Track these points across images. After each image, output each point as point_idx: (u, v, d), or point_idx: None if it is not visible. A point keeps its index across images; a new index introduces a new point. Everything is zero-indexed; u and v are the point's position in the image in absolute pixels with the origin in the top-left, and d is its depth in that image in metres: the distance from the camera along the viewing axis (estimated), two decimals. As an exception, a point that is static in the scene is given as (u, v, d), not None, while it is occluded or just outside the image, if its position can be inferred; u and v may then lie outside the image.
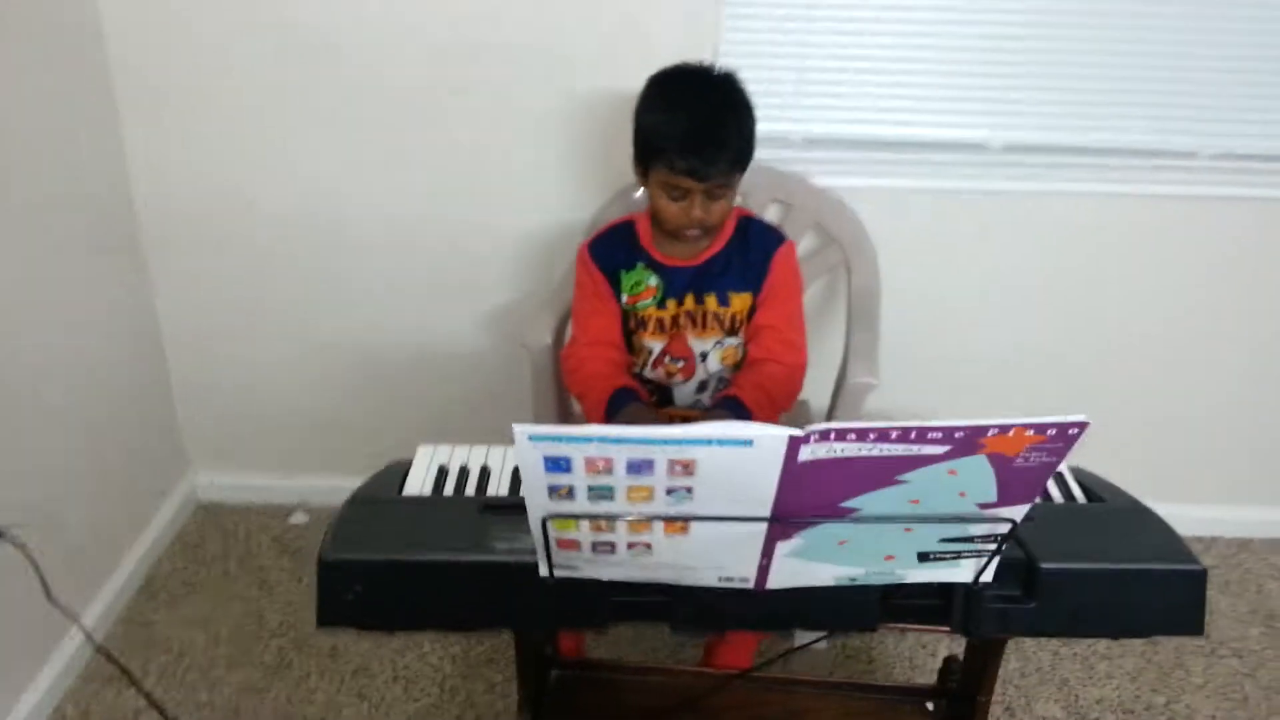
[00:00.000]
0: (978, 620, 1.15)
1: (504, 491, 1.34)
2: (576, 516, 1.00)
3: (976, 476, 0.96)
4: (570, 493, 0.97)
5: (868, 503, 1.00)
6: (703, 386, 1.68)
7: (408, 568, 1.14)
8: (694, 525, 1.01)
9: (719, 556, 1.07)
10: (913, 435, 0.90)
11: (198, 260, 2.20)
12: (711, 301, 1.62)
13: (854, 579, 1.12)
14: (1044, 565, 1.12)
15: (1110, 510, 1.26)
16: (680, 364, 1.65)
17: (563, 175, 2.09)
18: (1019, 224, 2.08)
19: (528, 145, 2.07)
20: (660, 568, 1.10)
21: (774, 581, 1.11)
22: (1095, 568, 1.13)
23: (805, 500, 0.98)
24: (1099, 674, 1.94)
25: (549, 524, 1.02)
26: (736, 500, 0.98)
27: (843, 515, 1.01)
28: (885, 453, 0.92)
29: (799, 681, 1.70)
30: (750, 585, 1.11)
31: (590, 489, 0.96)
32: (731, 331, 1.63)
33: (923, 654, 1.99)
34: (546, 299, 1.92)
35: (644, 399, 1.60)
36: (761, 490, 0.96)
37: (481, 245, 2.17)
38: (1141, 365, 2.23)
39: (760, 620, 1.16)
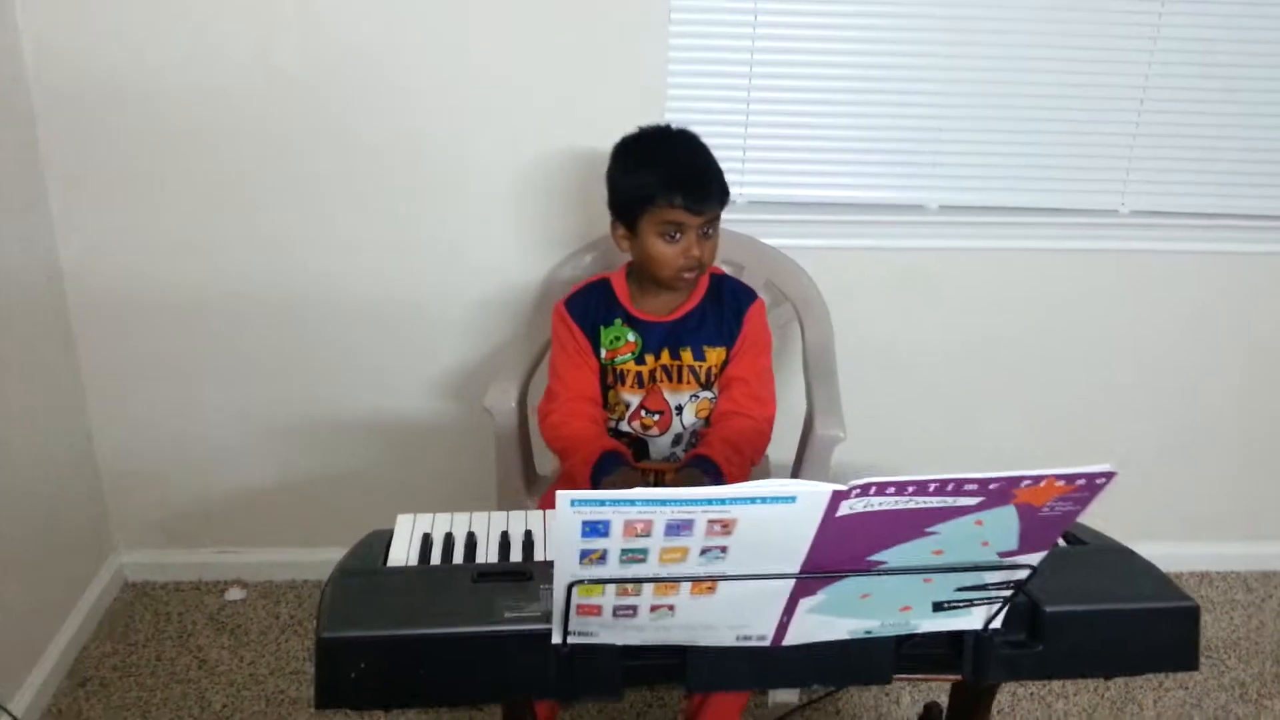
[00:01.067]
0: (987, 666, 1.16)
1: (493, 557, 1.32)
2: (607, 582, 0.98)
3: (1002, 526, 0.98)
4: (603, 557, 0.95)
5: (894, 555, 1.01)
6: (678, 439, 1.69)
7: (413, 642, 1.10)
8: (721, 585, 1.01)
9: (741, 615, 1.07)
10: (950, 487, 0.91)
11: (127, 337, 2.13)
12: (687, 356, 1.65)
13: (869, 631, 1.13)
14: (1048, 609, 1.15)
15: (1097, 552, 1.30)
16: (657, 417, 1.66)
17: (513, 237, 2.09)
18: (959, 279, 2.17)
19: (477, 208, 2.07)
20: (679, 629, 1.08)
21: (791, 637, 1.10)
22: (1097, 609, 1.16)
23: (835, 555, 0.98)
24: (1057, 712, 1.98)
25: (574, 590, 1.00)
26: (768, 557, 0.98)
27: (870, 568, 1.02)
28: (919, 505, 0.93)
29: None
30: (767, 642, 1.11)
31: (624, 552, 0.95)
32: (706, 385, 1.66)
33: (887, 701, 2.00)
34: (510, 361, 1.89)
35: (630, 461, 1.60)
36: (795, 546, 0.96)
37: (431, 308, 2.14)
38: (1084, 408, 2.32)
39: (776, 678, 1.15)
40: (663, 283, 1.62)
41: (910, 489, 0.91)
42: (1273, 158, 2.12)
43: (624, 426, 1.69)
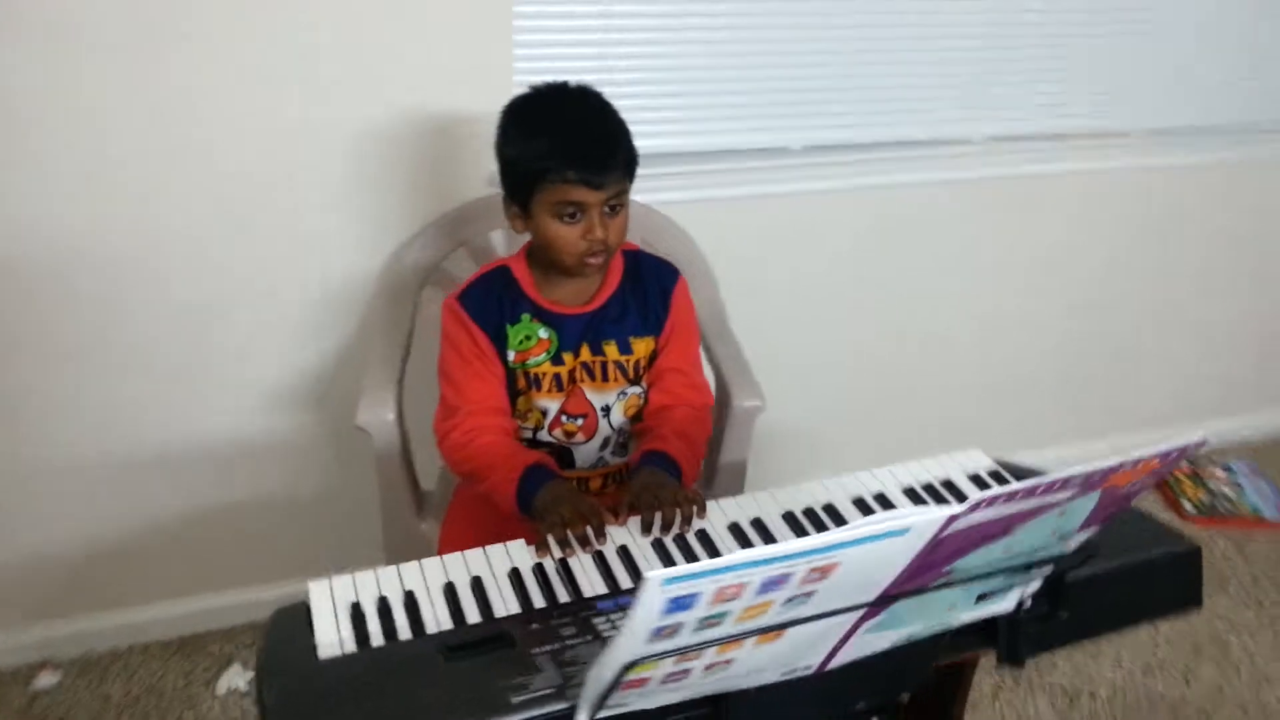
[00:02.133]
0: (1019, 645, 1.09)
1: (445, 620, 1.11)
2: (672, 654, 0.81)
3: (1079, 512, 0.90)
4: (676, 630, 0.79)
5: (968, 561, 0.90)
6: (605, 443, 1.50)
7: (414, 760, 0.89)
8: (790, 630, 0.86)
9: (798, 653, 0.93)
10: (1057, 485, 0.81)
11: None
12: (612, 350, 1.45)
13: (912, 636, 1.03)
14: (1070, 577, 1.09)
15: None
16: (580, 422, 1.46)
17: (342, 220, 1.81)
18: (829, 220, 2.11)
19: (299, 189, 1.77)
20: (725, 680, 0.94)
21: (839, 660, 0.98)
22: (1113, 568, 1.12)
23: (918, 574, 0.86)
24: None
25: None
26: (852, 591, 0.84)
27: (942, 578, 0.91)
28: (1019, 508, 0.83)
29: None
30: (812, 671, 0.99)
31: (701, 620, 0.78)
32: (635, 380, 1.47)
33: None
34: (375, 368, 1.63)
35: (558, 472, 1.40)
36: (885, 575, 0.84)
37: (248, 307, 1.83)
38: (961, 335, 2.36)
39: (821, 705, 1.03)
40: (566, 270, 1.41)
41: (1020, 494, 0.80)
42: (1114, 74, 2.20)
43: (544, 436, 1.48)
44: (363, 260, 1.85)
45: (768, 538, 1.24)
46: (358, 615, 1.12)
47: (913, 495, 1.33)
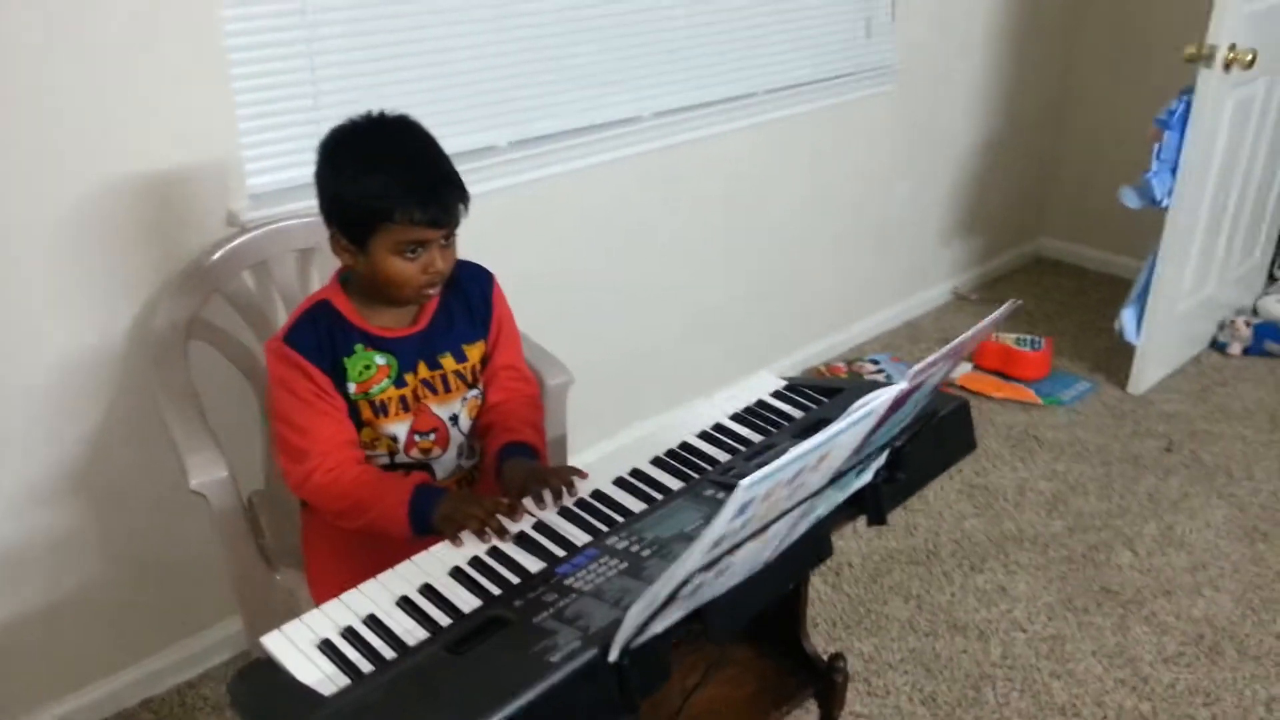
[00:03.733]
0: (881, 506, 1.35)
1: (417, 630, 1.16)
2: (715, 562, 0.97)
3: (936, 380, 1.17)
4: (721, 541, 0.94)
5: (876, 438, 1.14)
6: (459, 450, 1.55)
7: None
8: (774, 524, 1.05)
9: (765, 547, 1.12)
10: (947, 355, 1.07)
11: None
12: (449, 362, 1.50)
13: (818, 517, 1.25)
14: (897, 445, 1.37)
15: (858, 391, 1.55)
16: (432, 437, 1.50)
17: (70, 285, 1.68)
18: (541, 210, 2.27)
19: (22, 256, 1.62)
20: (715, 587, 1.10)
21: (780, 548, 1.19)
22: (921, 431, 1.41)
23: (855, 456, 1.09)
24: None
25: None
26: (821, 478, 1.05)
27: (860, 456, 1.14)
28: (921, 380, 1.08)
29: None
30: (762, 564, 1.18)
31: (743, 524, 0.95)
32: (474, 384, 1.53)
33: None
34: (184, 430, 1.56)
35: (438, 486, 1.44)
36: (840, 459, 1.05)
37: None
38: (678, 279, 2.65)
39: (769, 594, 1.23)
40: (400, 301, 1.44)
41: (933, 363, 1.05)
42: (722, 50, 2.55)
43: (401, 459, 1.50)
44: (99, 331, 1.73)
45: (653, 484, 1.40)
46: (330, 650, 1.14)
47: (740, 420, 1.56)
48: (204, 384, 1.73)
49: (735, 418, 1.56)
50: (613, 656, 1.04)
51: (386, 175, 1.34)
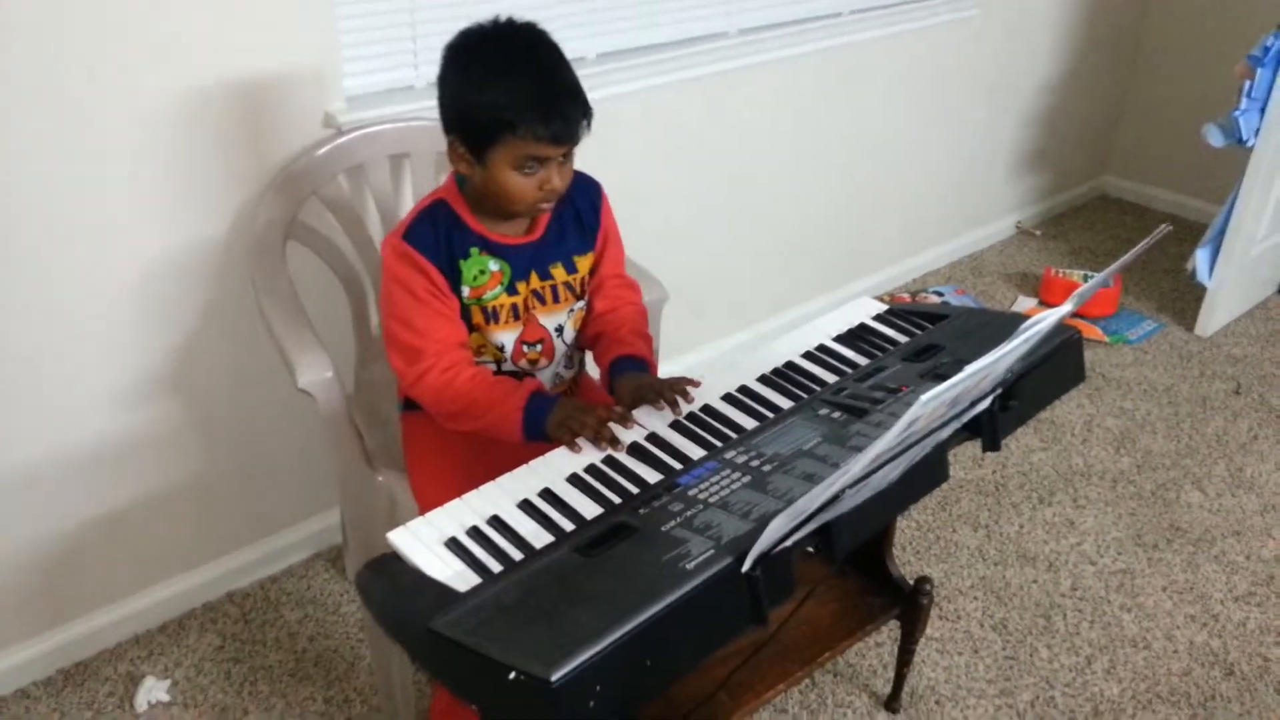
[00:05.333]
0: (996, 432, 1.35)
1: (541, 534, 1.17)
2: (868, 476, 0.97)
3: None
4: (880, 456, 0.94)
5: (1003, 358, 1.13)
6: (562, 361, 1.55)
7: (633, 640, 0.98)
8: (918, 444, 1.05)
9: (899, 466, 1.12)
10: (1108, 278, 1.06)
11: None
12: (559, 272, 1.49)
13: (940, 440, 1.25)
14: (1009, 375, 1.36)
15: (964, 318, 1.55)
16: (539, 347, 1.50)
17: (173, 184, 1.68)
18: (623, 125, 2.25)
19: (119, 155, 1.61)
20: (847, 502, 1.11)
21: (904, 467, 1.19)
22: (1031, 361, 1.40)
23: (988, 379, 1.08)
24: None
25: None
26: (971, 397, 1.04)
27: (992, 381, 1.13)
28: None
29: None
30: (889, 483, 1.18)
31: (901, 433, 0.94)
32: (581, 295, 1.53)
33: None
34: (289, 331, 1.57)
35: (550, 394, 1.45)
36: (988, 382, 1.04)
37: (79, 307, 1.66)
38: (744, 203, 2.62)
39: (890, 513, 1.24)
40: (513, 215, 1.43)
41: (1089, 290, 1.03)
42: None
43: (507, 368, 1.50)
44: (199, 231, 1.73)
45: (761, 401, 1.40)
46: (457, 548, 1.15)
47: (843, 342, 1.55)
48: (298, 285, 1.74)
49: (839, 339, 1.56)
50: (746, 567, 1.05)
51: (513, 85, 1.31)
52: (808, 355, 1.51)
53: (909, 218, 3.14)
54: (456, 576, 1.11)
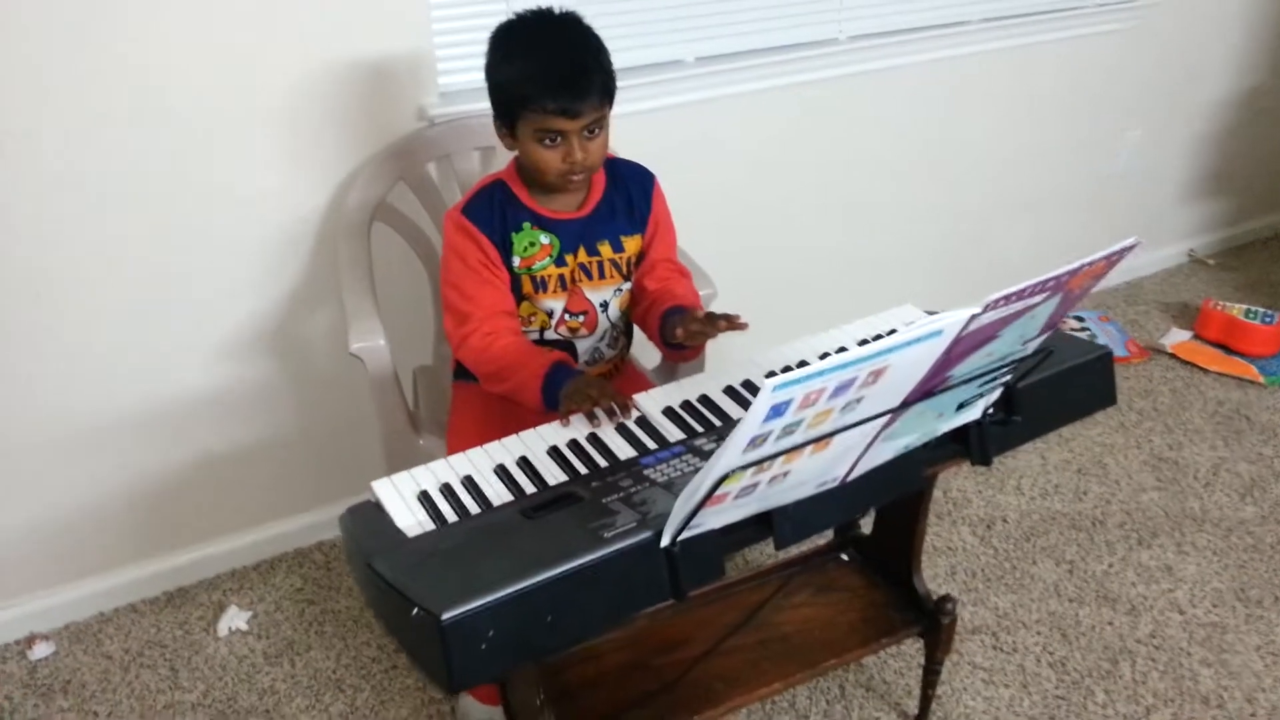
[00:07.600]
0: (987, 447, 1.32)
1: (505, 494, 1.25)
2: (759, 462, 0.99)
3: (1041, 316, 1.12)
4: (764, 439, 0.96)
5: (962, 368, 1.11)
6: (603, 336, 1.66)
7: (536, 592, 1.04)
8: (837, 438, 1.05)
9: (836, 462, 1.12)
10: (1041, 286, 1.02)
11: None
12: (606, 249, 1.60)
13: (908, 446, 1.23)
14: (1019, 385, 1.32)
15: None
16: (582, 318, 1.61)
17: (282, 159, 1.86)
18: (733, 124, 2.28)
19: (231, 139, 1.81)
20: (775, 496, 1.12)
21: (857, 472, 1.18)
22: (1049, 375, 1.35)
23: (928, 381, 1.06)
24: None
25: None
26: (885, 397, 1.04)
27: (944, 385, 1.11)
28: (1012, 310, 1.03)
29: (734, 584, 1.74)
30: (838, 482, 1.18)
31: (785, 428, 0.96)
32: (627, 276, 1.63)
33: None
34: (353, 298, 1.72)
35: (576, 368, 1.54)
36: (911, 381, 1.03)
37: (191, 263, 1.87)
38: (858, 218, 2.60)
39: (844, 512, 1.23)
40: (550, 187, 1.54)
41: (1020, 294, 1.00)
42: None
43: (550, 335, 1.62)
44: (301, 205, 1.91)
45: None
46: (426, 500, 1.25)
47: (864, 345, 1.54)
48: (383, 263, 1.90)
49: (862, 343, 1.54)
50: (664, 542, 1.09)
51: (524, 63, 1.44)
52: (824, 356, 1.51)
53: (1044, 239, 2.98)
54: (415, 525, 1.21)
